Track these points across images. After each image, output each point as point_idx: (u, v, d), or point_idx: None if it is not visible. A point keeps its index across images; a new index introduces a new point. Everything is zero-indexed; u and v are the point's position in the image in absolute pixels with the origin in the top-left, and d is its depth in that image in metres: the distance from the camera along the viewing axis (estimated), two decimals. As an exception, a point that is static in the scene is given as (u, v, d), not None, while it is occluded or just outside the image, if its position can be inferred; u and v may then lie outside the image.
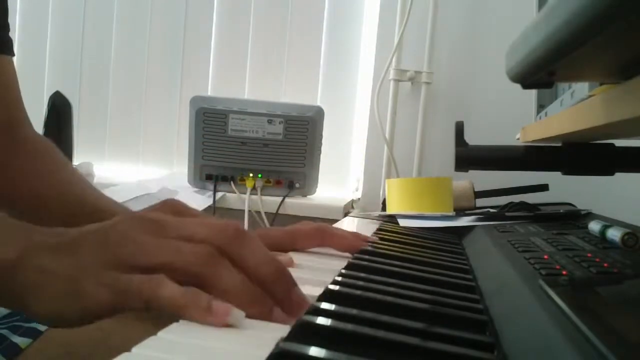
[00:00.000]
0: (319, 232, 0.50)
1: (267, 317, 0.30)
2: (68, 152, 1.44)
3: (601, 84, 0.49)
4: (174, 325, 0.28)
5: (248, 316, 0.29)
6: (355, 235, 0.53)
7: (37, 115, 1.56)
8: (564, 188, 0.90)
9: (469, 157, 0.75)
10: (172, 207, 0.37)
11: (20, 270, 0.31)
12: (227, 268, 0.31)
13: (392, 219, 0.82)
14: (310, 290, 0.35)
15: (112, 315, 0.30)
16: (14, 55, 0.64)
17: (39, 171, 0.63)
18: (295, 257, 0.46)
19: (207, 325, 0.28)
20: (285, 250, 0.48)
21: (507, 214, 0.80)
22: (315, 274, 0.41)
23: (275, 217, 1.32)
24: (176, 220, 0.34)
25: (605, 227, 0.49)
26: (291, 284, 0.33)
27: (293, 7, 1.59)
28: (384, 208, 0.95)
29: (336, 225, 0.70)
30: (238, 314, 0.28)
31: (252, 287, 0.31)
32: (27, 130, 0.65)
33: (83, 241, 0.32)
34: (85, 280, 0.30)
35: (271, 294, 0.32)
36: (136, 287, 0.29)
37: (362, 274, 0.40)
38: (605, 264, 0.38)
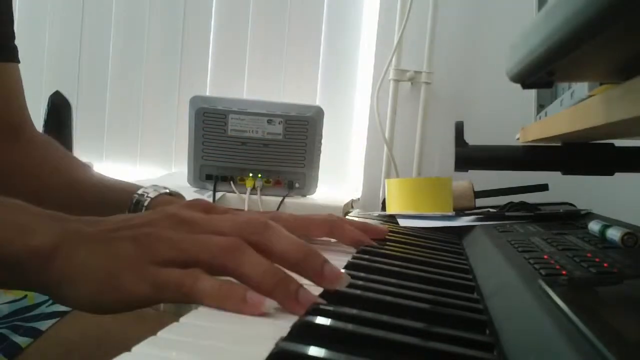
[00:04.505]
0: (329, 223, 0.51)
1: (292, 297, 0.31)
2: (68, 152, 1.44)
3: (601, 84, 0.49)
4: (174, 325, 0.28)
5: (274, 299, 0.31)
6: (363, 229, 0.53)
7: (36, 115, 1.56)
8: (564, 188, 0.90)
9: (469, 157, 0.75)
10: (202, 206, 0.39)
11: (57, 259, 0.32)
12: (250, 255, 0.32)
13: (392, 219, 0.82)
14: (310, 289, 0.35)
15: (149, 306, 0.32)
16: (19, 62, 0.67)
17: (47, 164, 0.67)
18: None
19: (206, 327, 0.28)
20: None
21: (507, 214, 0.80)
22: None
23: (275, 217, 1.32)
24: (205, 217, 0.36)
25: (605, 227, 0.49)
26: (321, 261, 0.34)
27: (292, 6, 1.59)
28: (383, 208, 0.95)
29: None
30: (270, 303, 0.30)
31: (275, 269, 0.32)
32: (31, 130, 0.70)
33: (119, 234, 0.34)
34: (123, 272, 0.31)
35: (303, 274, 0.34)
36: (175, 282, 0.31)
37: (362, 274, 0.40)
38: (605, 264, 0.38)
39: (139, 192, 0.60)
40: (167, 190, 0.61)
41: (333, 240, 0.53)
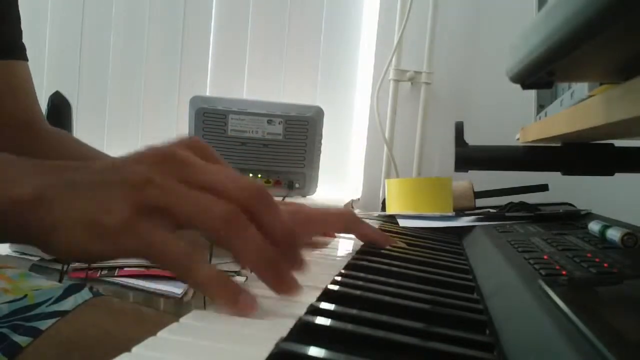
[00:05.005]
0: (344, 219, 0.51)
1: (280, 281, 0.32)
2: (68, 152, 1.44)
3: (601, 84, 0.49)
4: (174, 325, 0.28)
5: (264, 278, 0.32)
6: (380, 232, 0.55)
7: (36, 115, 1.57)
8: (564, 188, 0.90)
9: (469, 157, 0.75)
10: (198, 148, 0.36)
11: (39, 208, 0.30)
12: (249, 231, 0.31)
13: (392, 219, 0.82)
14: (310, 290, 0.35)
15: (130, 258, 0.31)
16: (27, 60, 0.68)
17: (65, 152, 0.68)
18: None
19: (206, 327, 0.28)
20: (315, 228, 0.51)
21: (507, 214, 0.80)
22: (314, 274, 0.41)
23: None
24: (202, 163, 0.33)
25: (605, 227, 0.49)
26: (299, 247, 0.36)
27: (292, 6, 1.59)
28: (383, 208, 0.95)
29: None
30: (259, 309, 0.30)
31: (269, 252, 0.32)
32: (44, 125, 0.70)
33: (106, 177, 0.31)
34: (110, 220, 0.30)
35: (284, 254, 0.34)
36: (174, 255, 0.30)
37: (362, 274, 0.40)
38: (605, 264, 0.38)
39: None
40: None
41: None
